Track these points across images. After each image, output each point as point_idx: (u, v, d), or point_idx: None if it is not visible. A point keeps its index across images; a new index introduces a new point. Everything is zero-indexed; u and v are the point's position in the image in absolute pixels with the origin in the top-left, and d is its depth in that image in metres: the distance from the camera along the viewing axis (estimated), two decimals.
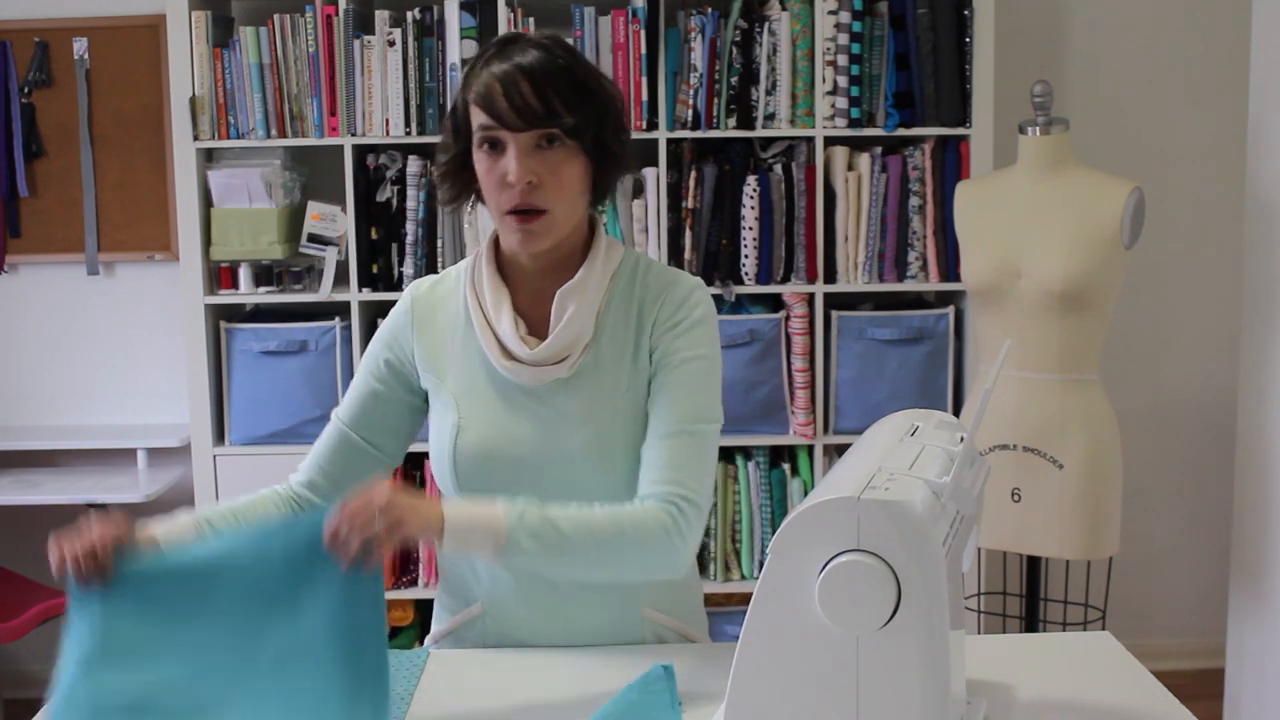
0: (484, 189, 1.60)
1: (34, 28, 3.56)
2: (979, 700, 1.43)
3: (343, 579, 1.37)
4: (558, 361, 1.60)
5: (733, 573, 3.39)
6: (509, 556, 1.47)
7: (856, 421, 3.31)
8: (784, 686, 1.24)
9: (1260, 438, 2.99)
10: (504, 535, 1.46)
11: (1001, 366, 1.43)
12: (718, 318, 1.68)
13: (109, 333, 3.69)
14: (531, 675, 1.59)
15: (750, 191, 3.24)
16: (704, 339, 1.63)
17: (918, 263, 3.31)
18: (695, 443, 1.59)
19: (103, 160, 3.60)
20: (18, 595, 3.40)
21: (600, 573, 1.56)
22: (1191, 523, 3.83)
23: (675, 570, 1.57)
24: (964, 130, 3.26)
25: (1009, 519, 2.90)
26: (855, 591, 1.18)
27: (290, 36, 3.26)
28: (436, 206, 3.29)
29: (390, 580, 3.40)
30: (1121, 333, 3.51)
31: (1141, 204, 2.80)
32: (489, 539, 1.46)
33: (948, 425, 1.48)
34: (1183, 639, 3.79)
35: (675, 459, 1.57)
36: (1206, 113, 3.68)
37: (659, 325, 1.63)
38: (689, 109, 3.24)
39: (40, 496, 3.38)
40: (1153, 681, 1.54)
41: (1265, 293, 2.98)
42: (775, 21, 3.21)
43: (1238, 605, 3.11)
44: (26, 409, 3.71)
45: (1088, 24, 3.66)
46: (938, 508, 1.24)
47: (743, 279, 3.28)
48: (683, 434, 1.58)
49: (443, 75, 3.24)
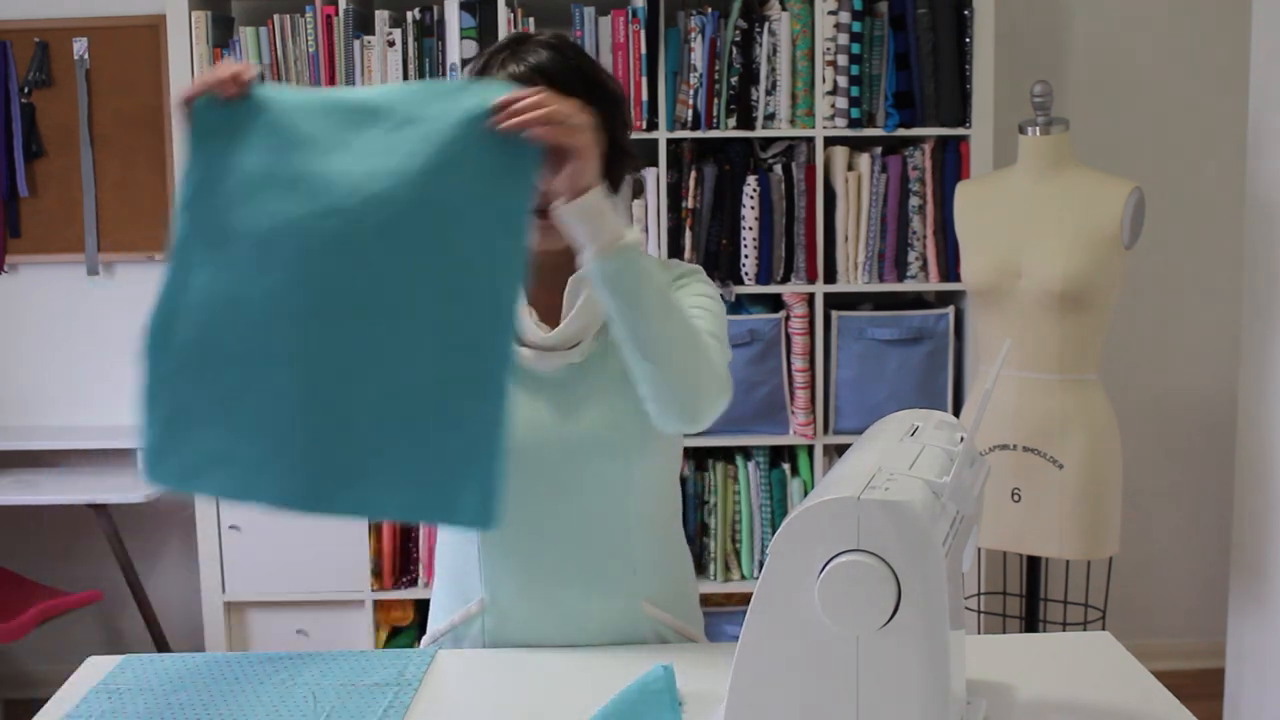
0: None
1: (34, 28, 3.56)
2: (979, 700, 1.43)
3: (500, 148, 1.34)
4: (571, 346, 1.62)
5: (733, 573, 3.39)
6: (623, 254, 1.43)
7: (856, 421, 3.31)
8: (784, 686, 1.24)
9: (1260, 438, 2.99)
10: (627, 238, 1.44)
11: (1001, 366, 1.43)
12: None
13: (109, 333, 3.69)
14: (531, 675, 1.59)
15: (750, 191, 3.24)
16: (709, 292, 1.67)
17: (918, 263, 3.31)
18: (719, 344, 1.60)
19: (103, 160, 3.60)
20: (18, 595, 3.40)
21: (669, 340, 1.49)
22: (1191, 523, 3.83)
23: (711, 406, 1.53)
24: (964, 130, 3.26)
25: (1009, 519, 2.90)
26: (855, 591, 1.18)
27: (290, 37, 3.26)
28: None
29: (390, 580, 3.40)
30: (1121, 333, 3.51)
31: (1141, 204, 2.80)
32: (615, 229, 1.43)
33: (948, 425, 1.48)
34: (1183, 639, 3.79)
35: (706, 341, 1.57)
36: (1206, 113, 3.68)
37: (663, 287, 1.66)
38: (689, 109, 3.24)
39: (40, 496, 3.38)
40: (1153, 681, 1.54)
41: (1265, 293, 2.98)
42: (775, 21, 3.21)
43: (1238, 605, 3.11)
44: (26, 409, 3.71)
45: (1088, 24, 3.66)
46: (938, 508, 1.25)
47: (743, 279, 3.29)
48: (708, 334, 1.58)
49: (443, 75, 3.24)
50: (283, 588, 3.38)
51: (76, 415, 3.71)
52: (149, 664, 1.62)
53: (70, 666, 1.65)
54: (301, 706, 1.48)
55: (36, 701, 1.56)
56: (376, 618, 3.40)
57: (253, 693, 1.52)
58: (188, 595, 3.68)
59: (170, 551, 3.76)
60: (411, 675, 1.57)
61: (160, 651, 3.08)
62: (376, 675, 1.56)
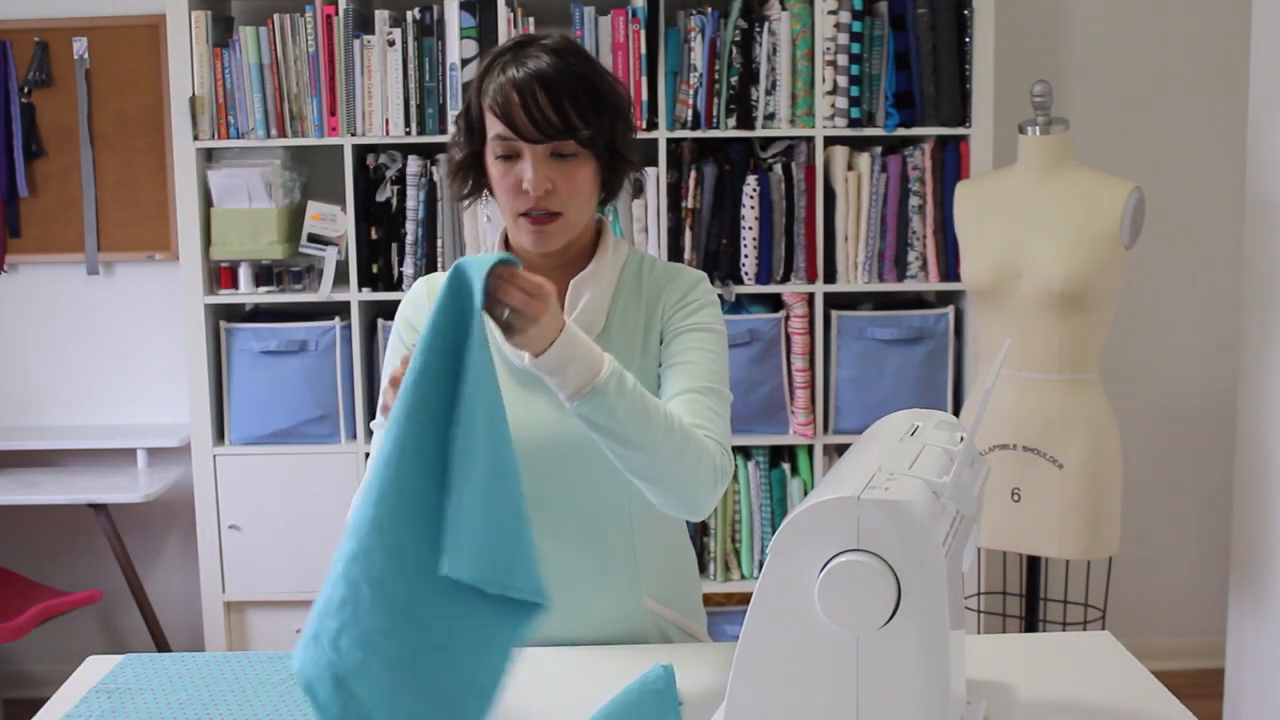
0: (498, 191, 1.64)
1: (34, 28, 3.56)
2: (979, 700, 1.43)
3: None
4: None
5: (733, 573, 3.39)
6: (589, 400, 1.44)
7: (856, 421, 3.31)
8: (784, 686, 1.24)
9: (1260, 438, 2.99)
10: (600, 376, 1.44)
11: (1001, 366, 1.43)
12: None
13: (109, 333, 3.69)
14: (531, 674, 1.59)
15: (750, 191, 3.24)
16: (714, 318, 1.69)
17: (918, 263, 3.31)
18: (718, 401, 1.62)
19: (103, 160, 3.60)
20: (18, 595, 3.40)
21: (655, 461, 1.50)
22: (1191, 523, 3.83)
23: (709, 500, 1.56)
24: (964, 130, 3.26)
25: (1009, 519, 2.90)
26: (855, 591, 1.18)
27: (290, 36, 3.26)
28: (436, 206, 3.29)
29: None
30: (1121, 333, 3.51)
31: (1141, 204, 2.80)
32: (586, 372, 1.44)
33: (948, 425, 1.48)
34: (1183, 639, 3.79)
35: (700, 410, 1.59)
36: (1206, 113, 3.68)
37: (669, 308, 1.68)
38: (689, 109, 3.24)
39: (40, 496, 3.38)
40: (1153, 681, 1.54)
41: (1265, 293, 2.98)
42: (775, 21, 3.21)
43: (1238, 605, 3.11)
44: (26, 409, 3.71)
45: (1088, 24, 3.66)
46: (938, 507, 1.25)
47: (742, 279, 3.29)
48: (707, 391, 1.61)
49: (443, 75, 3.24)
50: (283, 588, 3.38)
51: (76, 415, 3.71)
52: (149, 664, 1.62)
53: (70, 666, 1.65)
54: (302, 706, 1.48)
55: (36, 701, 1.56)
56: None
57: (253, 693, 1.52)
58: (188, 595, 3.68)
59: (170, 551, 3.76)
60: None
61: (160, 651, 3.08)
62: None
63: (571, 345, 1.43)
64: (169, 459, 3.61)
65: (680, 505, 1.57)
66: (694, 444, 1.53)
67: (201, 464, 3.35)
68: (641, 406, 1.48)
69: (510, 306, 1.38)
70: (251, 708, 1.48)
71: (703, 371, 1.62)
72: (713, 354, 1.65)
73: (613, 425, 1.46)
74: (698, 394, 1.60)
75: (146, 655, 1.65)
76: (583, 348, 1.45)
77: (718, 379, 1.64)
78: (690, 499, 1.55)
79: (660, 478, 1.52)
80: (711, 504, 1.57)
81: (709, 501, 1.57)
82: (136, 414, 3.71)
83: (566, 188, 1.59)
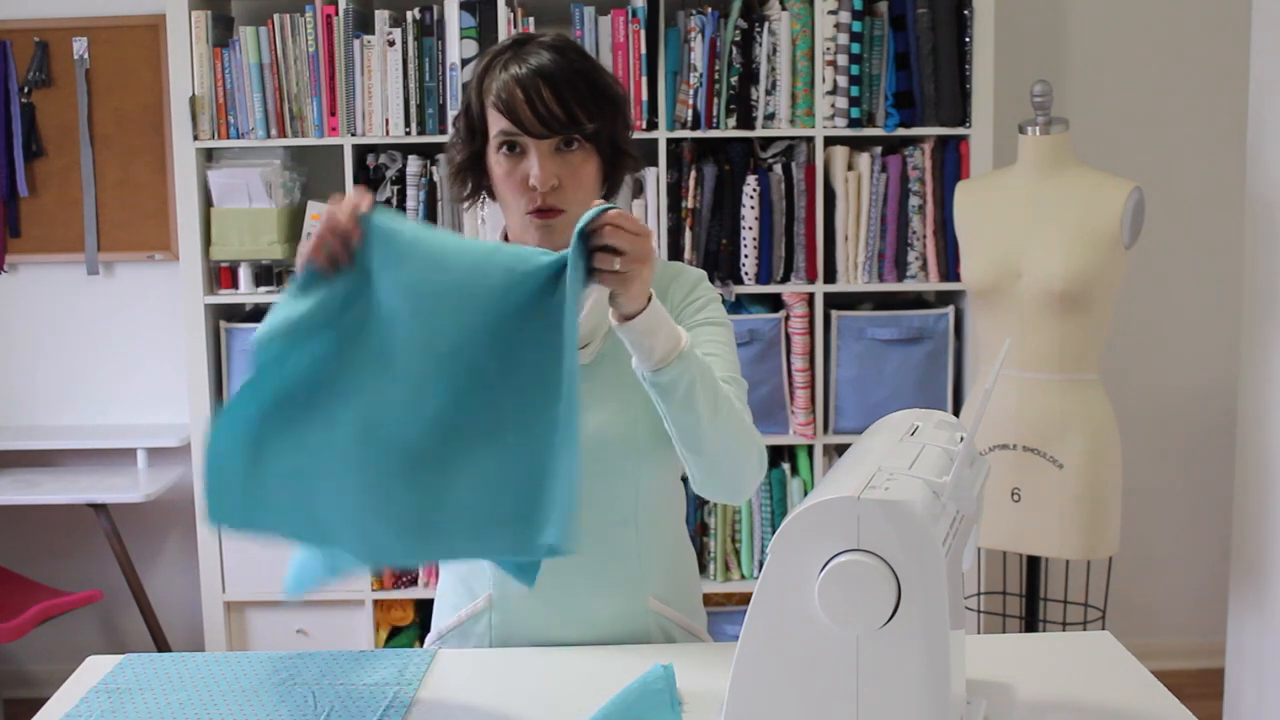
0: (502, 189, 1.64)
1: (34, 28, 3.56)
2: (979, 700, 1.43)
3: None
4: (581, 348, 1.62)
5: (733, 573, 3.39)
6: (677, 364, 1.46)
7: (856, 421, 3.31)
8: (784, 686, 1.24)
9: (1260, 438, 2.99)
10: (685, 341, 1.47)
11: (1001, 366, 1.43)
12: None
13: (109, 333, 3.69)
14: (531, 674, 1.59)
15: (750, 191, 3.24)
16: (721, 313, 1.71)
17: (918, 263, 3.31)
18: (742, 391, 1.63)
19: (103, 160, 3.60)
20: (18, 595, 3.40)
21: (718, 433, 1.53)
22: (1191, 523, 3.83)
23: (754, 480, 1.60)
24: (964, 130, 3.26)
25: (1009, 519, 2.90)
26: (855, 591, 1.18)
27: (290, 36, 3.26)
28: (437, 206, 3.29)
29: (390, 580, 3.40)
30: (1121, 333, 3.51)
31: (1141, 204, 2.80)
32: (674, 338, 1.47)
33: (948, 425, 1.48)
34: (1183, 639, 3.79)
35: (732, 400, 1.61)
36: (1206, 113, 3.68)
37: (676, 305, 1.69)
38: (689, 109, 3.24)
39: (40, 496, 3.38)
40: (1153, 681, 1.54)
41: (1265, 292, 2.98)
42: (775, 21, 3.21)
43: (1238, 605, 3.11)
44: (26, 409, 3.71)
45: (1088, 24, 3.66)
46: (938, 507, 1.25)
47: (742, 279, 3.29)
48: (732, 381, 1.62)
49: (443, 75, 3.24)
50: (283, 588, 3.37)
51: (77, 415, 3.71)
52: (149, 664, 1.62)
53: (70, 666, 1.65)
54: (301, 706, 1.48)
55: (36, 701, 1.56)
56: (376, 617, 3.40)
57: (253, 693, 1.53)
58: (188, 595, 3.68)
59: (170, 551, 3.76)
60: (411, 675, 1.57)
61: (160, 651, 3.08)
62: (376, 675, 1.56)
63: (661, 308, 1.46)
64: (169, 459, 3.61)
65: (727, 483, 1.59)
66: (747, 423, 1.57)
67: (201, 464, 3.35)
68: (711, 377, 1.51)
69: (623, 251, 1.38)
70: (251, 708, 1.48)
71: (723, 363, 1.64)
72: (728, 346, 1.68)
73: (692, 393, 1.48)
74: (725, 384, 1.61)
75: (146, 655, 1.65)
76: (665, 311, 1.47)
77: (737, 370, 1.66)
78: (739, 477, 1.58)
79: (719, 452, 1.54)
80: (754, 485, 1.60)
81: (753, 482, 1.60)
82: (136, 414, 3.71)
83: (571, 182, 1.60)
